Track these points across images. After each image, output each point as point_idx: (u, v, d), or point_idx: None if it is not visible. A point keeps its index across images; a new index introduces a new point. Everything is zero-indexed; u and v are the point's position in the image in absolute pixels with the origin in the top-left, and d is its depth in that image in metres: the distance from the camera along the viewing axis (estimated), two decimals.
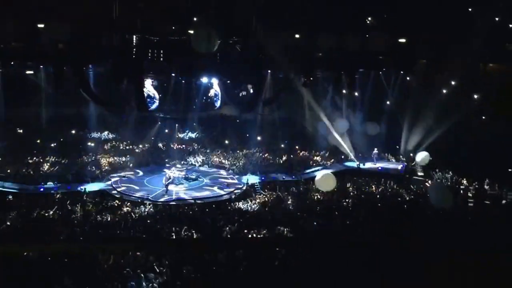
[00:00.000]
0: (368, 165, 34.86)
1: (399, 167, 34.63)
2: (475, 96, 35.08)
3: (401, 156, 36.46)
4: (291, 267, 18.03)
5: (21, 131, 37.93)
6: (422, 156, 32.83)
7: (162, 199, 27.31)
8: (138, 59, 28.60)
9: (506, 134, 31.72)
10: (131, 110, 35.74)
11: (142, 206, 25.81)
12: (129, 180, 30.69)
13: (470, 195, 28.70)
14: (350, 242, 19.89)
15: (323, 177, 26.65)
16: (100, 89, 32.13)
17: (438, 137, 34.49)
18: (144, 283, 16.73)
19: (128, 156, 35.67)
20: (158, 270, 17.50)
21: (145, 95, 30.88)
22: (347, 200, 27.20)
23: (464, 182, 30.22)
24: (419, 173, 32.86)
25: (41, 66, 33.50)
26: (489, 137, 32.87)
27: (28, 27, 26.10)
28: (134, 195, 27.81)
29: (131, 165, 34.07)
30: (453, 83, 34.62)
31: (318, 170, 32.09)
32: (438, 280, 15.21)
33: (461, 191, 29.13)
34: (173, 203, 26.88)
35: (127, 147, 37.85)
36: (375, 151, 35.62)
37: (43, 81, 35.04)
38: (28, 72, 33.79)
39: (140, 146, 37.94)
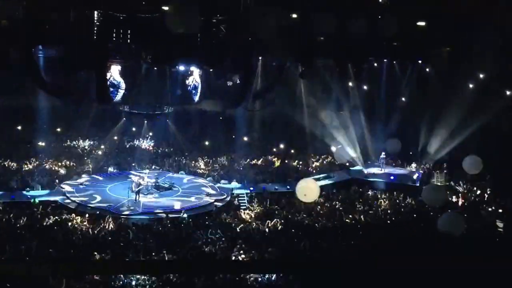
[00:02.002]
0: (375, 171, 35.13)
1: (415, 176, 34.86)
2: (507, 93, 35.39)
3: (417, 163, 36.68)
4: None
5: None
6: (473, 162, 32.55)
7: (127, 212, 27.18)
8: (100, 40, 28.40)
9: None
10: (90, 102, 35.53)
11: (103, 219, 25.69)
12: (87, 188, 30.51)
13: (500, 211, 28.86)
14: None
15: (304, 187, 26.70)
16: (53, 76, 31.88)
17: (463, 141, 34.76)
18: None
19: (86, 158, 35.48)
20: None
21: (108, 84, 30.71)
22: (352, 217, 27.28)
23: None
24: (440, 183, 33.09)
25: None
26: None
27: None
28: (93, 206, 27.63)
29: (90, 169, 33.92)
30: (481, 76, 34.89)
31: (319, 179, 32.19)
32: None
33: (487, 209, 29.27)
34: (141, 216, 26.76)
35: (85, 147, 37.64)
36: (383, 155, 35.88)
37: None
38: None
39: (102, 146, 37.73)
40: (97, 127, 39.57)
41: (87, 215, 26.24)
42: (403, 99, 40.25)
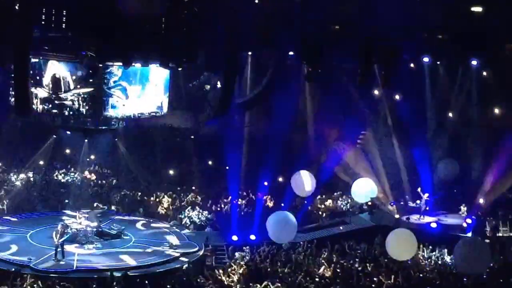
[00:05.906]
0: (412, 216, 35.49)
1: (466, 222, 35.02)
2: None
3: (469, 205, 36.87)
4: None
5: None
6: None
7: (55, 268, 27.12)
8: (21, 24, 28.52)
9: None
10: (7, 112, 35.62)
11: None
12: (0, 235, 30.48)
13: None
14: None
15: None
16: None
17: None
18: None
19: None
20: None
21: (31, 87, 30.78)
22: (375, 281, 27.36)
23: None
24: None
25: None
26: None
27: None
28: (8, 259, 27.54)
29: (4, 208, 33.88)
30: None
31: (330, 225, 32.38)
32: None
33: None
34: (75, 275, 26.72)
35: None
36: (426, 197, 36.10)
37: None
38: None
39: (21, 175, 37.74)
40: (15, 148, 39.51)
41: None
42: (450, 114, 40.42)
